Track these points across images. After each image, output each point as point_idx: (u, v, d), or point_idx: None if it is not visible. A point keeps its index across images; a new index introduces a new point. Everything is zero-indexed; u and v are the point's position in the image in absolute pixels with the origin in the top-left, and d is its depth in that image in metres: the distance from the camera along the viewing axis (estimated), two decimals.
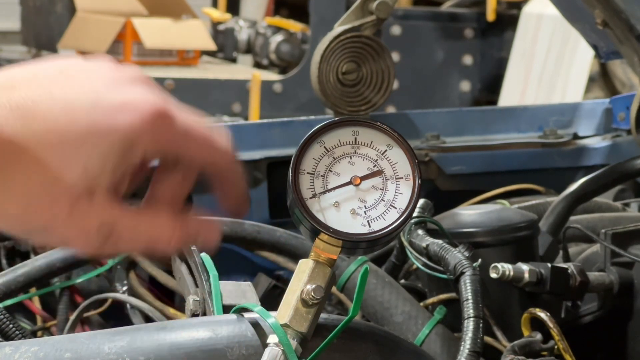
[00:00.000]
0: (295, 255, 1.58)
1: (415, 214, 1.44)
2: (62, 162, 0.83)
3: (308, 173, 0.98)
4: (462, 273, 1.34)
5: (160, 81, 5.51)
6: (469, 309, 1.29)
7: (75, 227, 0.85)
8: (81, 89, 0.84)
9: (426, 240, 1.44)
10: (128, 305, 1.60)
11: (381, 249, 1.08)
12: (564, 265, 1.42)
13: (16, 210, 0.83)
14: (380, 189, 0.98)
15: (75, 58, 0.89)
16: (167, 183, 0.91)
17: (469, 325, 1.28)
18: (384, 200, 0.98)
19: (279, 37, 6.62)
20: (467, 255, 1.38)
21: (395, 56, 5.91)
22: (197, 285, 1.22)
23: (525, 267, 1.40)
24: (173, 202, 0.92)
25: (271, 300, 1.67)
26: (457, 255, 1.37)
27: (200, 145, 0.88)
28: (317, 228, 0.96)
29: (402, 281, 1.62)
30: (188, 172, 0.92)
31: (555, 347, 1.35)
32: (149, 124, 0.84)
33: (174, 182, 0.92)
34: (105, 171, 0.84)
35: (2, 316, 1.43)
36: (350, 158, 0.99)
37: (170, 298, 1.76)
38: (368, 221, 0.97)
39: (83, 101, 0.84)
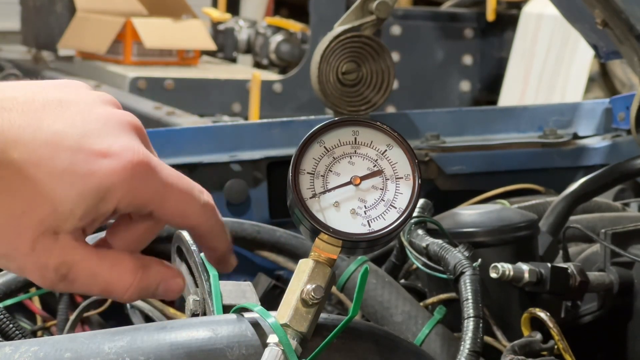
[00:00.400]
0: (295, 255, 1.58)
1: (415, 214, 1.44)
2: (34, 197, 0.81)
3: (308, 173, 0.98)
4: (462, 273, 1.34)
5: (160, 81, 5.51)
6: (468, 309, 1.29)
7: (34, 262, 0.84)
8: (71, 125, 0.83)
9: (426, 240, 1.44)
10: (128, 305, 1.60)
11: (381, 248, 1.08)
12: (564, 265, 1.42)
13: None
14: (380, 189, 0.98)
15: (80, 87, 0.87)
16: (132, 230, 0.90)
17: (468, 325, 1.28)
18: (384, 200, 0.98)
19: (278, 37, 6.62)
20: (467, 255, 1.38)
21: (395, 56, 5.91)
22: (197, 285, 1.22)
23: (525, 267, 1.40)
24: (135, 249, 0.90)
25: (271, 300, 1.67)
26: (457, 255, 1.37)
27: (176, 205, 0.87)
28: (317, 228, 0.96)
29: (402, 281, 1.62)
30: (156, 224, 0.91)
31: (555, 347, 1.35)
32: (127, 176, 0.83)
33: (139, 230, 0.91)
34: (74, 215, 0.83)
35: (2, 316, 1.43)
36: (350, 158, 0.99)
37: None
38: (368, 221, 0.97)
39: (69, 138, 0.82)
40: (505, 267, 1.39)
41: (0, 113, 0.82)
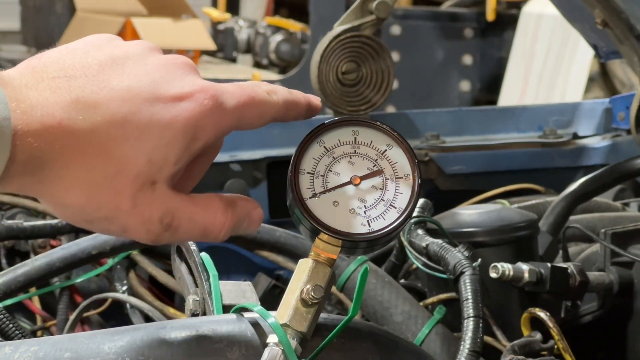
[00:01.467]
0: (295, 255, 1.58)
1: (415, 214, 1.44)
2: (126, 154, 0.83)
3: (308, 173, 0.98)
4: (462, 273, 1.34)
5: None
6: (468, 309, 1.29)
7: (138, 217, 0.86)
8: (138, 79, 0.85)
9: (426, 240, 1.44)
10: (128, 305, 1.60)
11: (381, 248, 1.08)
12: (564, 265, 1.42)
13: (78, 201, 0.84)
14: (380, 189, 0.98)
15: (117, 41, 0.89)
16: (190, 170, 0.93)
17: (468, 325, 1.28)
18: (383, 200, 0.98)
19: (278, 37, 6.62)
20: (467, 255, 1.38)
21: (395, 56, 5.91)
22: (196, 285, 1.22)
23: (525, 267, 1.40)
24: (190, 188, 0.93)
25: (271, 299, 1.67)
26: (456, 255, 1.37)
27: (252, 113, 0.90)
28: (317, 228, 0.96)
29: (402, 281, 1.62)
30: (209, 158, 0.93)
31: (555, 346, 1.35)
32: (207, 111, 0.86)
33: (195, 168, 0.93)
34: (168, 162, 0.85)
35: (2, 316, 1.43)
36: (350, 158, 0.99)
37: (170, 298, 1.76)
38: (368, 221, 0.97)
39: (143, 91, 0.85)
40: (505, 267, 1.39)
41: (68, 81, 0.83)
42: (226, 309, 1.13)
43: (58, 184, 0.83)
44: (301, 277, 0.97)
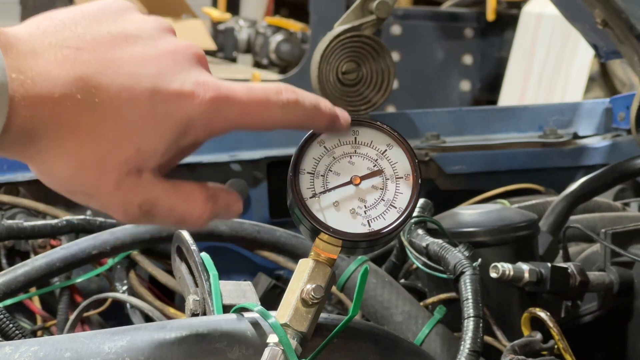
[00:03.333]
0: (295, 254, 1.58)
1: (415, 214, 1.44)
2: (117, 139, 0.84)
3: (308, 173, 0.98)
4: (462, 273, 1.34)
5: None
6: (469, 309, 1.29)
7: (119, 199, 0.87)
8: (144, 65, 0.86)
9: (426, 240, 1.44)
10: (128, 305, 1.60)
11: (381, 248, 1.08)
12: (564, 265, 1.42)
13: (65, 173, 0.85)
14: (380, 189, 0.98)
15: (132, 13, 0.89)
16: (181, 154, 0.93)
17: (468, 325, 1.27)
18: (384, 200, 0.98)
19: (278, 37, 6.62)
20: (467, 254, 1.38)
21: (395, 56, 5.91)
22: (197, 285, 1.22)
23: (525, 267, 1.40)
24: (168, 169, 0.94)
25: (271, 299, 1.67)
26: (457, 255, 1.37)
27: (255, 119, 0.90)
28: (317, 228, 0.96)
29: (402, 281, 1.62)
30: (194, 146, 0.93)
31: (555, 346, 1.35)
32: (203, 111, 0.87)
33: (185, 152, 0.93)
34: (156, 153, 0.86)
35: (2, 316, 1.43)
36: (350, 158, 0.99)
37: (170, 298, 1.76)
38: (368, 221, 0.97)
39: (145, 80, 0.85)
40: (505, 267, 1.39)
41: (75, 54, 0.83)
42: (226, 308, 1.13)
43: (48, 153, 0.84)
44: (301, 277, 0.97)
